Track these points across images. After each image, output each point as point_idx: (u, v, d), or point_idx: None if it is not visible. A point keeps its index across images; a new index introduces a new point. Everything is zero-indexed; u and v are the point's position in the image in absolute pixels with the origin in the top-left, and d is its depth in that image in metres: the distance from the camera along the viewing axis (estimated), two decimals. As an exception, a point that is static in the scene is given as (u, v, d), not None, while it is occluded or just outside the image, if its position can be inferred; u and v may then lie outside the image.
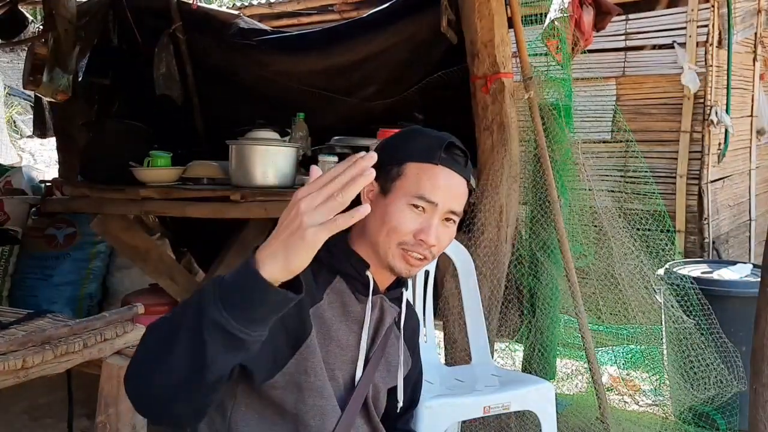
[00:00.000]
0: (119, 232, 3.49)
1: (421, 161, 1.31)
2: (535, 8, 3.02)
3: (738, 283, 3.07)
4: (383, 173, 1.29)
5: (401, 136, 1.39)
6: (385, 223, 1.29)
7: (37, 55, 3.86)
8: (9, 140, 8.99)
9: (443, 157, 1.31)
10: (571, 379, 3.28)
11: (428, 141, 1.33)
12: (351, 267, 1.31)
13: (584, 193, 3.03)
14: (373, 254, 1.32)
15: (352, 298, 1.32)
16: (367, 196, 1.32)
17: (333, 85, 3.52)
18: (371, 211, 1.27)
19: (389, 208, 1.29)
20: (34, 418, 3.18)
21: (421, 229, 1.28)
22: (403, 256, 1.29)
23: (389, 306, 1.37)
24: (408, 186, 1.29)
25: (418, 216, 1.29)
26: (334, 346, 1.28)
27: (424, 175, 1.30)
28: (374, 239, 1.31)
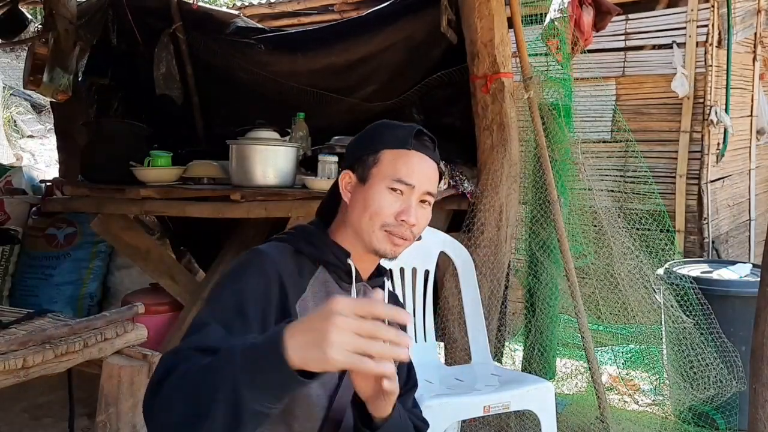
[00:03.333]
0: (119, 231, 3.49)
1: (395, 148, 1.39)
2: (535, 8, 3.03)
3: (737, 283, 3.07)
4: (360, 164, 1.39)
5: (373, 128, 1.45)
6: (367, 208, 1.36)
7: (38, 55, 3.87)
8: (9, 140, 8.99)
9: (415, 143, 1.39)
10: (571, 378, 3.28)
11: (399, 130, 1.42)
12: (333, 256, 1.37)
13: (584, 193, 3.03)
14: (357, 241, 1.38)
15: (335, 287, 1.37)
16: (345, 188, 1.40)
17: (333, 84, 3.52)
18: (352, 200, 1.37)
19: (369, 193, 1.36)
20: (35, 418, 3.18)
21: (401, 210, 1.35)
22: (387, 237, 1.36)
23: (371, 293, 1.36)
24: (385, 171, 1.37)
25: (397, 199, 1.36)
26: None
27: (399, 161, 1.37)
28: (357, 225, 1.37)
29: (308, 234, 1.39)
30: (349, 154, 1.45)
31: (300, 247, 1.35)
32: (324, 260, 1.36)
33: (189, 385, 1.00)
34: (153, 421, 1.05)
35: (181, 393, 1.01)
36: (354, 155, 1.42)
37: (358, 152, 1.42)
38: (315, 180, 2.80)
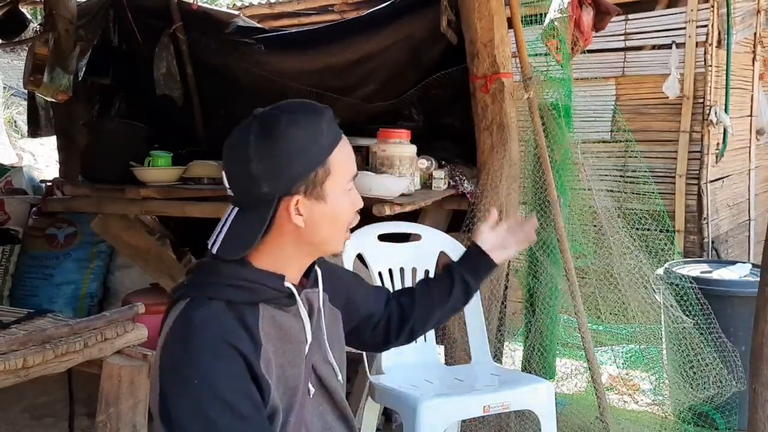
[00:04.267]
0: (120, 231, 3.49)
1: (335, 145, 1.26)
2: (534, 8, 3.03)
3: (737, 283, 3.07)
4: (306, 184, 1.22)
5: (301, 135, 1.22)
6: (337, 221, 1.28)
7: (38, 55, 3.87)
8: (9, 140, 8.99)
9: (339, 127, 1.29)
10: (571, 378, 3.29)
11: (321, 120, 1.26)
12: (270, 290, 1.24)
13: (584, 193, 3.03)
14: (307, 257, 1.31)
15: (283, 316, 1.26)
16: (293, 219, 1.22)
17: (332, 84, 3.52)
18: (311, 221, 1.23)
19: (335, 207, 1.26)
20: (35, 417, 3.19)
21: (355, 203, 1.32)
22: (347, 235, 1.33)
23: (311, 293, 1.34)
24: (339, 177, 1.26)
25: (352, 194, 1.31)
26: (292, 370, 1.26)
27: (342, 156, 1.27)
28: (325, 241, 1.29)
29: (232, 277, 1.22)
30: (273, 177, 1.20)
31: (231, 297, 1.20)
32: (262, 299, 1.23)
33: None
34: None
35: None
36: (287, 178, 1.20)
37: (292, 173, 1.20)
38: (315, 180, 2.80)
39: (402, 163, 2.74)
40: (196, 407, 1.12)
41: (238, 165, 1.23)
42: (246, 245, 1.22)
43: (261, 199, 1.21)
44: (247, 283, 1.22)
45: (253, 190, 1.21)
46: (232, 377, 1.14)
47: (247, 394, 1.15)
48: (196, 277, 1.26)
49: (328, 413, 1.35)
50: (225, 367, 1.14)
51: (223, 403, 1.12)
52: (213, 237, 1.25)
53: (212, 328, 1.16)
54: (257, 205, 1.22)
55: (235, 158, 1.24)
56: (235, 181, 1.24)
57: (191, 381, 1.13)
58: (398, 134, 2.79)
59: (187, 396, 1.13)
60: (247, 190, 1.22)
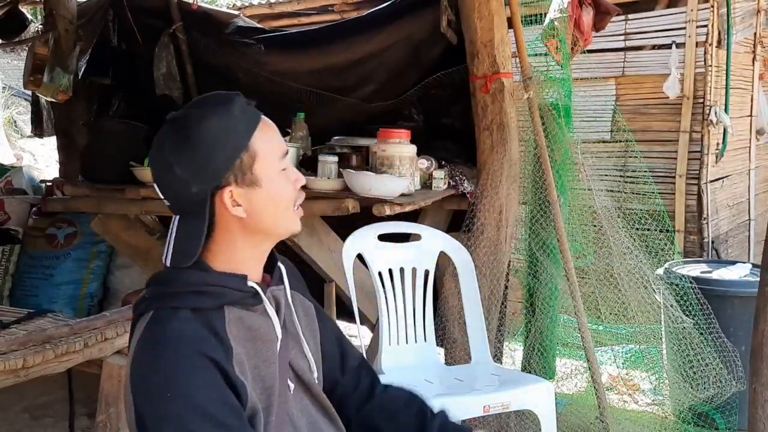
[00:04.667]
0: (120, 231, 3.49)
1: (253, 128, 1.24)
2: (534, 8, 3.03)
3: (737, 283, 3.07)
4: (234, 172, 1.20)
5: (214, 126, 1.21)
6: (279, 202, 1.25)
7: (38, 55, 3.87)
8: (9, 140, 8.99)
9: (256, 108, 1.29)
10: (571, 378, 3.29)
11: (233, 107, 1.25)
12: (233, 292, 1.22)
13: (583, 193, 3.03)
14: (263, 246, 1.28)
15: (250, 316, 1.24)
16: (233, 206, 1.21)
17: (332, 84, 3.52)
18: (251, 209, 1.21)
19: (272, 189, 1.24)
20: (35, 417, 3.19)
21: (295, 180, 1.28)
22: (296, 213, 1.29)
23: (277, 290, 1.32)
24: (268, 159, 1.24)
25: (288, 172, 1.28)
26: (267, 369, 1.25)
27: (265, 137, 1.25)
28: (272, 225, 1.26)
29: (193, 284, 1.20)
30: (198, 173, 1.18)
31: (196, 304, 1.18)
32: (226, 302, 1.20)
33: None
34: None
35: None
36: (212, 172, 1.19)
37: (216, 165, 1.19)
38: (315, 180, 2.80)
39: (402, 163, 2.74)
40: (176, 423, 1.09)
41: (163, 172, 1.22)
42: (194, 249, 1.20)
43: (195, 200, 1.20)
44: (209, 287, 1.20)
45: (184, 193, 1.20)
46: (208, 387, 1.12)
47: (225, 401, 1.13)
48: (157, 289, 1.23)
49: (311, 407, 1.34)
50: (200, 377, 1.12)
51: (203, 414, 1.10)
52: (164, 250, 1.23)
53: (181, 340, 1.14)
54: (194, 208, 1.20)
55: (159, 167, 1.23)
56: (166, 189, 1.22)
57: (167, 397, 1.11)
58: (398, 134, 2.79)
59: (164, 413, 1.11)
60: (179, 195, 1.21)
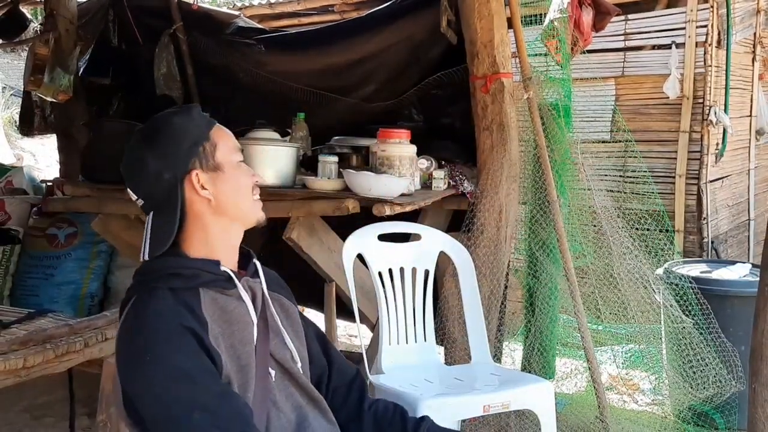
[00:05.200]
0: (120, 231, 3.49)
1: (211, 124, 1.41)
2: (534, 8, 3.03)
3: (737, 283, 3.07)
4: (198, 158, 1.35)
5: (166, 126, 1.39)
6: (240, 188, 1.40)
7: (38, 56, 3.87)
8: (9, 140, 8.99)
9: (211, 118, 1.44)
10: (571, 378, 3.29)
11: (191, 109, 1.43)
12: (206, 273, 1.33)
13: (583, 193, 3.03)
14: (232, 232, 1.40)
15: (224, 299, 1.34)
16: (200, 189, 1.35)
17: (333, 84, 3.53)
18: (217, 192, 1.35)
19: (233, 174, 1.39)
20: (36, 417, 3.19)
21: (253, 173, 1.44)
22: (258, 204, 1.43)
23: (253, 282, 1.42)
24: (226, 149, 1.40)
25: (246, 167, 1.43)
26: (243, 348, 1.33)
27: (223, 132, 1.41)
28: (236, 209, 1.39)
29: (168, 268, 1.33)
30: (169, 160, 1.34)
31: (172, 284, 1.30)
32: (200, 283, 1.32)
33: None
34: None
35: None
36: (179, 156, 1.34)
37: (182, 152, 1.35)
38: (315, 180, 2.81)
39: (402, 163, 2.74)
40: (153, 381, 1.20)
41: (137, 171, 1.37)
42: (168, 236, 1.34)
43: (167, 188, 1.34)
44: (184, 270, 1.32)
45: (157, 183, 1.35)
46: (183, 351, 1.22)
47: (200, 364, 1.23)
48: (138, 278, 1.37)
49: (297, 395, 1.41)
50: (176, 342, 1.23)
51: (179, 372, 1.20)
52: (141, 248, 1.37)
53: (158, 312, 1.26)
54: (166, 198, 1.35)
55: (133, 168, 1.38)
56: (141, 186, 1.38)
57: (145, 360, 1.21)
58: (398, 134, 2.80)
59: (142, 374, 1.21)
60: (152, 187, 1.36)
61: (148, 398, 1.22)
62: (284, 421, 1.35)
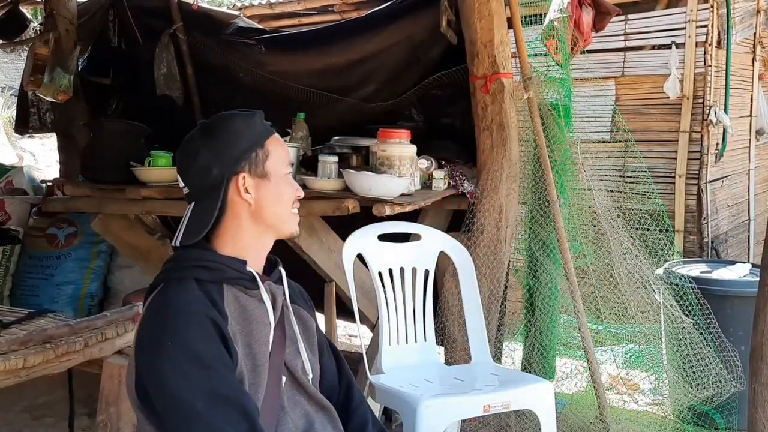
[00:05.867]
0: (120, 231, 3.50)
1: (269, 134, 1.46)
2: (534, 8, 3.03)
3: (737, 283, 3.07)
4: (249, 163, 1.40)
5: (225, 126, 1.43)
6: (281, 198, 1.43)
7: (38, 56, 3.87)
8: (9, 140, 8.99)
9: (272, 127, 1.49)
10: (571, 378, 3.29)
11: (254, 119, 1.46)
12: (232, 270, 1.38)
13: (583, 193, 3.03)
14: (260, 239, 1.43)
15: (246, 299, 1.38)
16: (245, 192, 1.39)
17: (333, 85, 3.53)
18: (258, 198, 1.39)
19: (278, 184, 1.43)
20: (36, 417, 3.19)
21: (297, 187, 1.48)
22: (295, 217, 1.47)
23: (275, 288, 1.45)
24: (277, 160, 1.44)
25: (292, 180, 1.48)
26: (259, 348, 1.36)
27: (278, 144, 1.46)
28: (274, 218, 1.43)
29: (197, 259, 1.37)
30: (220, 159, 1.39)
31: (198, 275, 1.34)
32: (226, 278, 1.37)
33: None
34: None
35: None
36: (231, 158, 1.39)
37: (235, 153, 1.39)
38: (315, 180, 2.81)
39: (402, 163, 2.74)
40: (173, 365, 1.22)
41: (189, 161, 1.42)
42: (203, 227, 1.38)
43: (213, 183, 1.38)
44: (211, 263, 1.36)
45: (204, 176, 1.39)
46: (204, 340, 1.26)
47: (218, 353, 1.26)
48: (167, 267, 1.40)
49: (305, 403, 1.43)
50: (197, 331, 1.26)
51: (200, 359, 1.22)
52: (176, 233, 1.41)
53: (182, 301, 1.29)
54: (210, 191, 1.39)
55: (186, 157, 1.43)
56: (189, 175, 1.42)
57: (166, 345, 1.24)
58: (398, 134, 2.80)
59: (164, 357, 1.23)
60: (199, 179, 1.40)
61: (164, 381, 1.23)
62: (292, 427, 1.37)
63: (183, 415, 1.21)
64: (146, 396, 1.27)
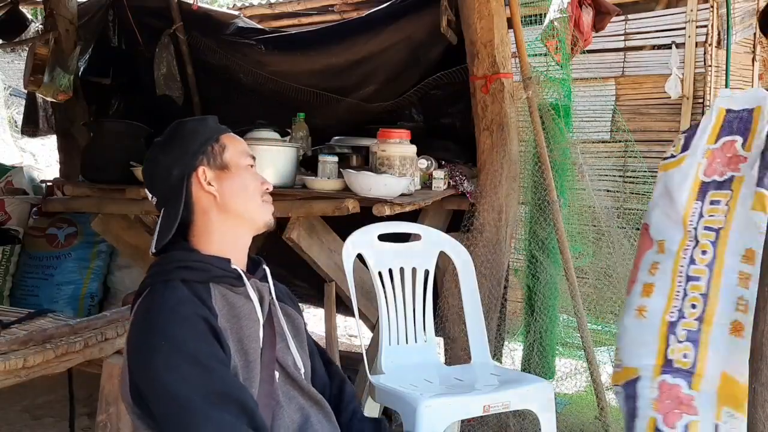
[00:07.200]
0: (120, 231, 3.50)
1: (223, 131, 1.48)
2: (534, 8, 3.03)
3: (737, 283, 3.06)
4: (207, 156, 1.43)
5: (178, 129, 1.48)
6: (247, 187, 1.45)
7: (38, 55, 3.87)
8: (10, 140, 8.99)
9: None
10: (571, 378, 3.29)
11: (206, 117, 1.51)
12: (217, 269, 1.38)
13: (583, 193, 3.03)
14: (235, 235, 1.44)
15: (233, 296, 1.39)
16: (207, 185, 1.41)
17: (333, 85, 3.53)
18: (222, 191, 1.41)
19: (241, 174, 1.45)
20: (35, 417, 3.19)
21: (263, 180, 1.49)
22: (266, 207, 1.48)
23: (261, 285, 1.46)
24: (236, 152, 1.46)
25: (254, 171, 1.49)
26: (250, 344, 1.37)
27: (234, 139, 1.48)
28: (243, 209, 1.44)
29: (181, 260, 1.38)
30: (178, 158, 1.42)
31: (184, 276, 1.35)
32: (211, 277, 1.37)
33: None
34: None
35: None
36: (188, 154, 1.42)
37: (191, 150, 1.42)
38: (315, 180, 2.81)
39: (402, 163, 2.74)
40: (167, 366, 1.22)
41: (150, 170, 1.47)
42: (172, 222, 1.39)
43: (174, 183, 1.41)
44: (196, 263, 1.37)
45: (166, 179, 1.42)
46: (196, 338, 1.27)
47: (211, 351, 1.27)
48: (152, 271, 1.40)
49: (298, 397, 1.44)
50: (189, 329, 1.27)
51: (196, 358, 1.23)
52: (152, 242, 1.42)
53: (172, 299, 1.30)
54: (174, 192, 1.41)
55: (147, 168, 1.48)
56: (155, 183, 1.46)
57: (159, 345, 1.25)
58: (398, 134, 2.79)
59: (158, 359, 1.23)
60: (164, 183, 1.43)
61: (162, 382, 1.23)
62: (288, 421, 1.38)
63: (184, 414, 1.21)
64: (141, 400, 1.28)
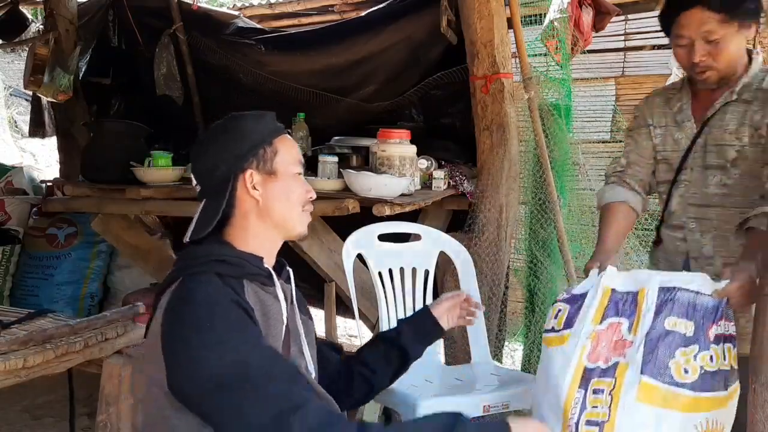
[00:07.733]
0: (120, 231, 3.50)
1: (279, 132, 1.47)
2: (534, 9, 3.03)
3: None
4: (257, 159, 1.42)
5: (235, 125, 1.45)
6: (290, 195, 1.44)
7: (38, 56, 3.87)
8: (10, 140, 8.99)
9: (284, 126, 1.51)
10: (571, 378, 3.28)
11: (265, 118, 1.48)
12: (251, 266, 1.39)
13: (583, 193, 3.03)
14: (269, 237, 1.44)
15: (263, 294, 1.40)
16: (252, 189, 1.41)
17: (332, 85, 3.53)
18: (266, 195, 1.40)
19: (286, 181, 1.44)
20: (35, 417, 3.19)
21: (309, 189, 1.50)
22: (305, 217, 1.49)
23: (285, 287, 1.47)
24: (287, 158, 1.45)
25: (302, 180, 1.49)
26: (275, 344, 1.38)
27: (288, 143, 1.47)
28: (282, 216, 1.44)
29: (217, 254, 1.37)
30: (228, 156, 1.42)
31: (219, 270, 1.34)
32: (245, 273, 1.37)
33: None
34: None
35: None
36: (238, 154, 1.41)
37: (242, 150, 1.41)
38: (315, 180, 2.81)
39: (402, 163, 2.74)
40: (221, 343, 1.23)
41: (199, 158, 1.46)
42: (211, 221, 1.39)
43: (221, 179, 1.41)
44: (231, 258, 1.37)
45: (213, 173, 1.42)
46: (240, 321, 1.28)
47: (258, 332, 1.29)
48: (182, 262, 1.39)
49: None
50: (231, 313, 1.27)
51: (242, 336, 1.25)
52: (188, 230, 1.42)
53: (210, 288, 1.30)
54: (219, 188, 1.41)
55: (197, 155, 1.47)
56: (200, 173, 1.45)
57: (205, 328, 1.24)
58: (398, 134, 2.80)
59: (207, 340, 1.23)
60: (209, 176, 1.43)
61: (218, 359, 1.22)
62: None
63: (248, 379, 1.21)
64: (183, 390, 1.25)
